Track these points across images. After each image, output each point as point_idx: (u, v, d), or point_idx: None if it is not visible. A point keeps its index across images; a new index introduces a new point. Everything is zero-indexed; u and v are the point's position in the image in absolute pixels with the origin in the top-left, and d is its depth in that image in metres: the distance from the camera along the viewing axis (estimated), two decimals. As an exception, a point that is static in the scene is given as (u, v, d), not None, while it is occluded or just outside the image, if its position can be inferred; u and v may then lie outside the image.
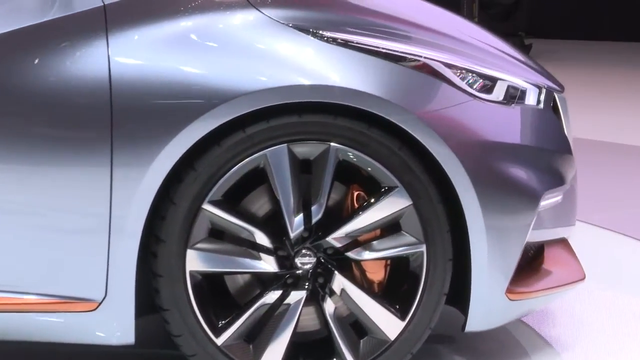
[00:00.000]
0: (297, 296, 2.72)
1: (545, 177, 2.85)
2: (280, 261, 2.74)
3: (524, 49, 11.65)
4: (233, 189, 2.72)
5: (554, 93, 3.02)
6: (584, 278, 3.07)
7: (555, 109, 3.04)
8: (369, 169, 2.69)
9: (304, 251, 2.72)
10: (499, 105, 2.80)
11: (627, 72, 10.85)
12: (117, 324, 2.69)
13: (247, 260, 2.72)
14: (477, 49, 2.92)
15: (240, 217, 2.71)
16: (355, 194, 2.78)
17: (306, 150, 2.68)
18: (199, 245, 2.69)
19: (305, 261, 2.72)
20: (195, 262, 2.69)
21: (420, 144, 2.66)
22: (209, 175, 2.66)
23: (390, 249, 2.73)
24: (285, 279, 2.74)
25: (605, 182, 5.67)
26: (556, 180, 2.91)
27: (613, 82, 10.10)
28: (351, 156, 2.68)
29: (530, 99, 2.90)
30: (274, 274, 2.74)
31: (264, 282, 2.79)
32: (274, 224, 2.73)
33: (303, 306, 2.75)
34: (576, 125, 3.32)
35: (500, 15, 11.87)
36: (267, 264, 2.72)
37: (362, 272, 2.80)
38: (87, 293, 2.67)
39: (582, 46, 13.11)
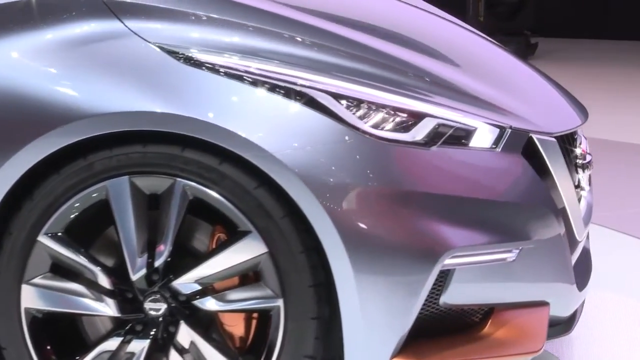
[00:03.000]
0: (139, 345, 2.42)
1: (460, 231, 2.39)
2: (126, 305, 2.44)
3: (530, 48, 11.43)
4: (86, 223, 2.44)
5: (533, 135, 2.56)
6: (536, 351, 2.59)
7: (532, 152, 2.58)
8: (222, 209, 2.35)
9: (155, 296, 2.42)
10: (402, 145, 2.37)
11: (633, 71, 10.53)
12: None
13: (88, 302, 2.42)
14: (411, 76, 2.51)
15: (81, 253, 2.42)
16: (217, 236, 2.46)
17: (151, 183, 2.36)
18: (35, 281, 2.42)
19: (154, 307, 2.41)
20: (30, 298, 2.42)
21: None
22: (46, 205, 2.38)
23: (243, 300, 2.39)
24: (134, 325, 2.45)
25: (611, 181, 5.40)
26: (491, 235, 2.43)
27: (619, 81, 9.83)
28: (201, 194, 2.35)
29: (480, 141, 2.47)
30: (119, 318, 2.44)
31: (120, 325, 2.48)
32: (122, 264, 2.43)
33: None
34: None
35: (506, 14, 11.53)
36: (108, 307, 2.42)
37: (220, 324, 2.47)
38: None
39: (588, 45, 12.93)
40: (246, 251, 2.35)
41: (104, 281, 2.42)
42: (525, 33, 11.49)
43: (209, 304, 2.40)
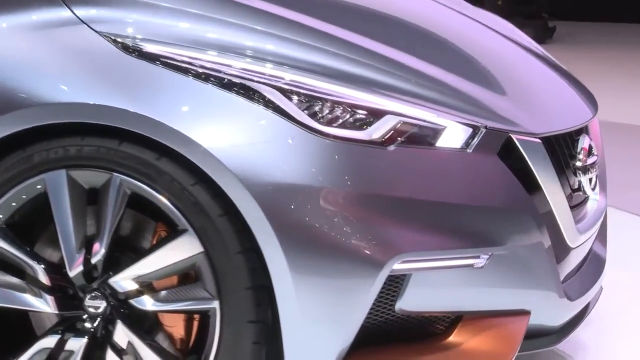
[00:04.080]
0: (77, 343, 2.35)
1: (414, 235, 2.27)
2: (66, 301, 2.37)
3: (548, 31, 11.37)
4: (32, 216, 2.38)
5: (513, 136, 2.42)
6: None
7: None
8: (159, 206, 2.27)
9: (95, 293, 2.35)
10: (355, 144, 2.25)
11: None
12: None
13: (28, 297, 2.36)
14: (377, 69, 2.38)
15: (20, 247, 2.36)
16: (158, 233, 2.38)
17: (89, 178, 2.30)
18: None
19: (94, 304, 2.35)
20: None
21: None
22: None
23: (179, 301, 2.31)
24: (75, 322, 2.39)
25: (626, 164, 5.30)
26: (452, 240, 2.30)
27: (637, 64, 9.71)
28: (139, 190, 2.28)
29: (449, 140, 2.34)
30: (62, 315, 2.38)
31: (62, 322, 2.42)
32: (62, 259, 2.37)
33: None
34: (599, 107, 2.89)
35: (524, -2, 11.32)
36: (47, 304, 2.36)
37: (161, 325, 2.41)
38: None
39: (606, 28, 12.87)
40: (181, 250, 2.27)
41: (43, 277, 2.36)
42: (544, 16, 11.46)
43: (145, 303, 2.33)
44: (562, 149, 2.62)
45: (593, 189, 2.82)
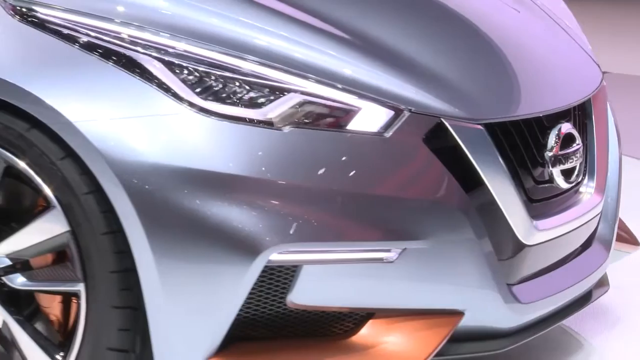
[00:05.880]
0: None
1: (299, 225, 2.11)
2: None
3: None
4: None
5: (445, 121, 2.24)
6: None
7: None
8: (31, 181, 2.18)
9: None
10: (243, 123, 2.11)
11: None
12: None
13: None
14: (292, 42, 2.22)
15: None
16: (38, 208, 2.28)
17: None
18: None
19: None
20: None
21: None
22: None
23: (48, 281, 2.23)
24: None
25: None
26: (349, 231, 2.15)
27: None
28: (11, 162, 2.19)
29: (364, 123, 2.18)
30: None
31: None
32: None
33: None
34: (631, 60, 2.67)
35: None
36: None
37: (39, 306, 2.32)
38: None
39: None
40: (48, 228, 2.18)
41: None
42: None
43: (15, 280, 2.24)
44: (523, 136, 2.40)
45: (573, 181, 2.56)
